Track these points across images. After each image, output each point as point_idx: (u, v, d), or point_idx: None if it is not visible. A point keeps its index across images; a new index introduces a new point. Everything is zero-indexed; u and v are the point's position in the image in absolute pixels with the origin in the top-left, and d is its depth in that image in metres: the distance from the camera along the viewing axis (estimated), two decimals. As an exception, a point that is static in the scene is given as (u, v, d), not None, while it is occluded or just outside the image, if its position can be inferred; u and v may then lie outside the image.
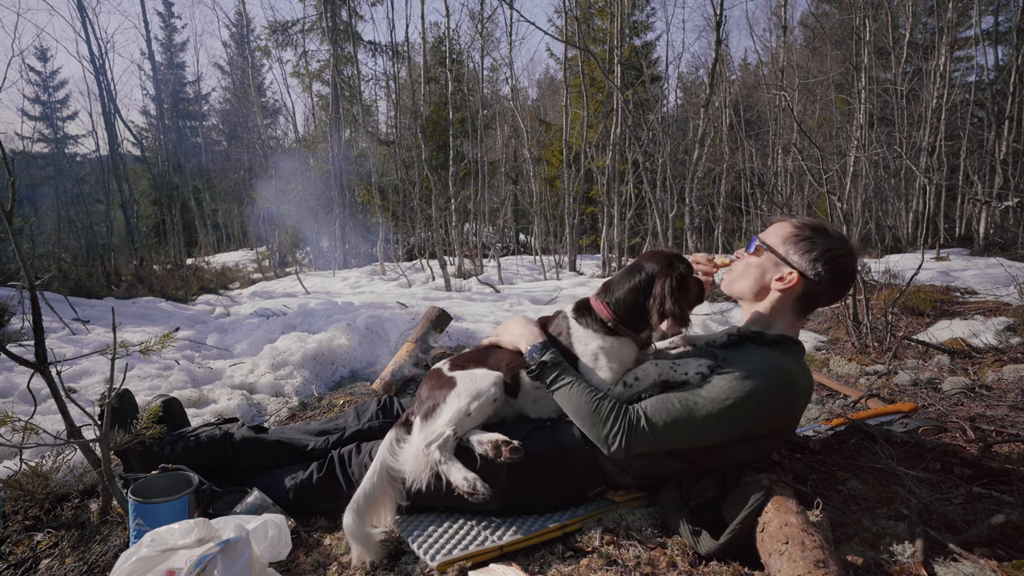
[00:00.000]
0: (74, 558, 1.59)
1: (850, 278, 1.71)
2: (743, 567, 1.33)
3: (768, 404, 1.51)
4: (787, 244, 1.69)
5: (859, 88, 13.21)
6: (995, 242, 12.30)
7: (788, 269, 1.67)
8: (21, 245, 1.72)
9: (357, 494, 1.54)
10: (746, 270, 1.76)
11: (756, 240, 1.75)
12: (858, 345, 3.62)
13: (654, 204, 9.85)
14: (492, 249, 18.10)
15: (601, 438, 1.50)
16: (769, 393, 1.50)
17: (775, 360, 1.56)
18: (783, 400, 1.55)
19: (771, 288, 1.70)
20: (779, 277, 1.69)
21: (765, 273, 1.71)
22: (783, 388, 1.53)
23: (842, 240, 1.69)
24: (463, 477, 1.49)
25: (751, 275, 1.74)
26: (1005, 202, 8.43)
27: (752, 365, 1.52)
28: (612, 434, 1.48)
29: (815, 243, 1.65)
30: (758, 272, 1.72)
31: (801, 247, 1.67)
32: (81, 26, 10.47)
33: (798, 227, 1.70)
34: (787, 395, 1.55)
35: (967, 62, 18.03)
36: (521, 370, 1.70)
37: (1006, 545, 1.39)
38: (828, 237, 1.67)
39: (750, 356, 1.58)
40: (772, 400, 1.52)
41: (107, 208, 14.59)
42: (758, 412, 1.50)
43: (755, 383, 1.48)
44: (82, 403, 2.39)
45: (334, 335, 4.21)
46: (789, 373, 1.55)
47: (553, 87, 28.74)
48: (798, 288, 1.67)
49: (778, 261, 1.69)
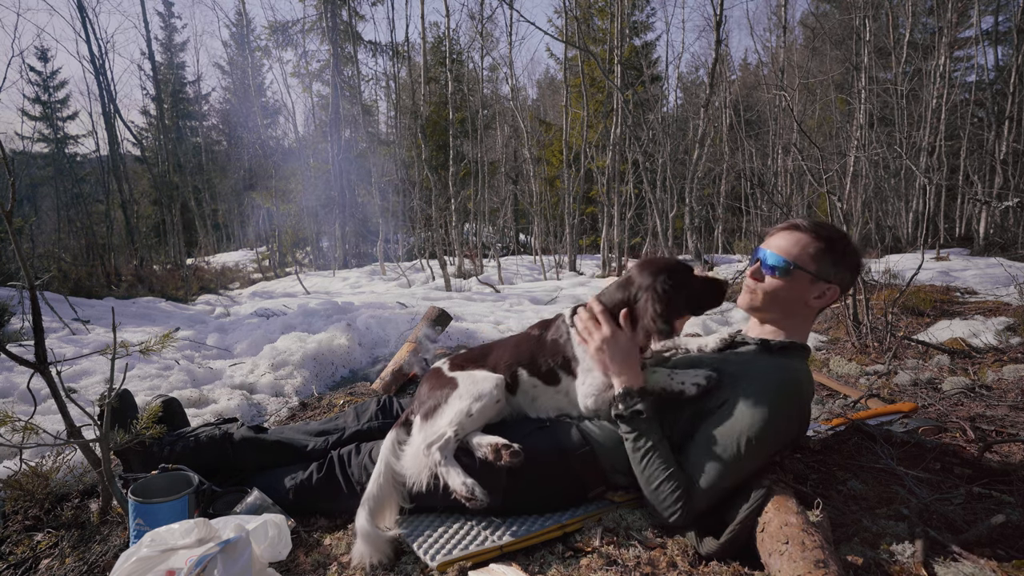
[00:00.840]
0: (74, 558, 1.59)
1: (861, 267, 1.72)
2: (743, 567, 1.33)
3: (788, 415, 1.52)
4: (819, 261, 1.61)
5: (859, 88, 13.22)
6: (995, 242, 12.30)
7: (827, 285, 1.62)
8: (21, 245, 1.72)
9: (367, 494, 1.54)
10: (777, 295, 1.65)
11: (785, 261, 1.62)
12: (858, 345, 3.62)
13: (654, 204, 9.85)
14: (492, 249, 18.10)
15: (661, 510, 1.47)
16: (786, 406, 1.51)
17: (785, 371, 1.56)
18: (797, 408, 1.57)
19: (807, 306, 1.66)
20: (818, 295, 1.63)
21: (803, 295, 1.63)
22: (796, 397, 1.55)
23: (844, 234, 1.68)
24: (462, 482, 1.49)
25: (788, 300, 1.65)
26: (1005, 202, 8.43)
27: (768, 381, 1.51)
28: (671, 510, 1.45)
29: (839, 250, 1.63)
30: (796, 295, 1.64)
31: (832, 259, 1.61)
32: (81, 26, 10.48)
33: (820, 238, 1.62)
34: (800, 402, 1.58)
35: (967, 62, 18.06)
36: (520, 368, 1.70)
37: (1006, 545, 1.39)
38: (840, 237, 1.65)
39: (762, 369, 1.56)
40: (788, 411, 1.52)
41: (107, 208, 14.59)
42: (782, 425, 1.50)
43: (774, 401, 1.47)
44: (82, 403, 2.39)
45: (334, 335, 4.21)
46: (798, 381, 1.56)
47: (553, 87, 28.74)
48: (835, 298, 1.65)
49: (814, 279, 1.62)
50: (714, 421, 1.50)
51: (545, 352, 1.70)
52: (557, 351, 1.68)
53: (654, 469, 1.47)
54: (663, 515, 1.47)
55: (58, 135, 20.66)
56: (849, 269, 1.65)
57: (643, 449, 1.49)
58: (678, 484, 1.44)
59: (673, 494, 1.44)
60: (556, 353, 1.68)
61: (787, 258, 1.62)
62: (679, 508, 1.43)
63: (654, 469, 1.47)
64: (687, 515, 1.43)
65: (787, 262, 1.62)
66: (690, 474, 1.46)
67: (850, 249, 1.65)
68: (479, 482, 1.55)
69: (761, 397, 1.47)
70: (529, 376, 1.70)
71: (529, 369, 1.70)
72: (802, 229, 1.65)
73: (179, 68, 29.11)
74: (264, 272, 16.97)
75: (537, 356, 1.70)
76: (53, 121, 21.38)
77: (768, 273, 1.66)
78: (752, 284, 1.71)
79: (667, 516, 1.45)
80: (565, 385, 1.67)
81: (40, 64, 21.38)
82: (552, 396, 1.70)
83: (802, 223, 1.67)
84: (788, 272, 1.62)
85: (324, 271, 15.99)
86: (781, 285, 1.64)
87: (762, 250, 1.69)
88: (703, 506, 1.45)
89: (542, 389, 1.69)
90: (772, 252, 1.65)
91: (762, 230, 1.85)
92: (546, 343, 1.71)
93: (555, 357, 1.68)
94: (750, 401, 1.47)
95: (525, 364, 1.70)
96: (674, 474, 1.45)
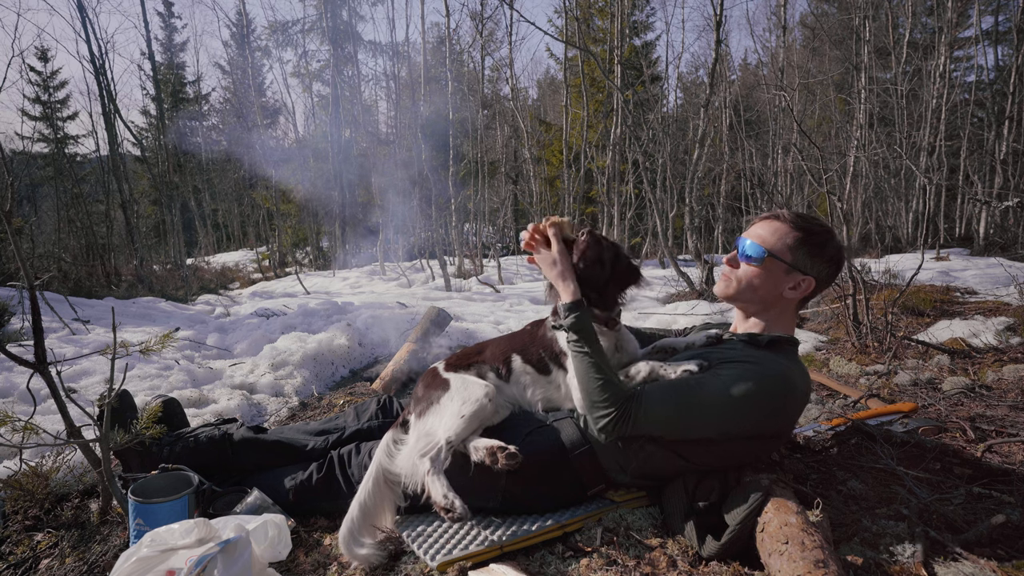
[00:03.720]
0: (74, 558, 1.59)
1: (843, 262, 1.70)
2: (743, 567, 1.33)
3: (767, 406, 1.50)
4: (795, 251, 1.60)
5: (859, 88, 13.22)
6: (995, 242, 12.31)
7: (802, 276, 1.62)
8: (21, 245, 1.72)
9: (352, 509, 1.53)
10: (752, 283, 1.65)
11: (760, 249, 1.62)
12: (858, 345, 3.62)
13: (654, 204, 9.84)
14: (492, 249, 18.10)
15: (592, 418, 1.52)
16: (768, 396, 1.49)
17: (774, 363, 1.55)
18: (782, 401, 1.54)
19: (784, 297, 1.65)
20: (793, 286, 1.63)
21: (778, 284, 1.63)
22: (783, 390, 1.52)
23: (827, 227, 1.66)
24: (443, 495, 1.48)
25: (763, 289, 1.64)
26: (1005, 202, 8.43)
27: (752, 366, 1.51)
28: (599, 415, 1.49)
29: (817, 243, 1.62)
30: (770, 285, 1.64)
31: (808, 251, 1.61)
32: (81, 26, 10.44)
33: (798, 228, 1.62)
34: (787, 397, 1.54)
35: (967, 62, 18.06)
36: (514, 354, 1.76)
37: (1006, 545, 1.39)
38: (821, 230, 1.64)
39: (747, 356, 1.56)
40: (771, 402, 1.51)
41: (107, 208, 14.59)
42: (754, 411, 1.49)
43: (753, 384, 1.47)
44: (82, 403, 2.39)
45: (334, 335, 4.21)
46: (787, 376, 1.54)
47: (553, 87, 28.72)
48: (810, 291, 1.65)
49: (789, 269, 1.62)
50: (686, 378, 1.52)
51: (537, 344, 1.75)
52: (548, 344, 1.72)
53: (591, 377, 1.52)
54: (592, 423, 1.52)
55: (58, 135, 20.62)
56: (827, 262, 1.63)
57: (581, 354, 1.54)
58: (612, 395, 1.49)
59: (604, 401, 1.49)
60: (548, 347, 1.72)
61: (763, 246, 1.63)
62: (608, 416, 1.48)
63: (591, 377, 1.52)
64: (613, 426, 1.48)
65: (762, 250, 1.62)
66: (639, 395, 1.49)
67: (830, 242, 1.63)
68: (478, 483, 1.55)
69: (743, 376, 1.48)
70: (522, 363, 1.75)
71: (522, 357, 1.75)
72: (782, 219, 1.65)
73: (179, 68, 29.10)
74: (264, 272, 16.98)
75: (530, 347, 1.76)
76: (53, 121, 21.36)
77: (744, 261, 1.67)
78: (727, 271, 1.72)
79: (595, 422, 1.51)
80: (556, 377, 1.71)
81: (40, 64, 21.35)
82: (544, 385, 1.73)
83: (783, 213, 1.66)
84: (762, 260, 1.63)
85: (324, 271, 16.00)
86: (755, 273, 1.65)
87: (741, 239, 1.70)
88: (629, 429, 1.48)
89: (534, 377, 1.73)
90: (750, 241, 1.66)
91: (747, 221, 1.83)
92: (539, 336, 1.77)
93: (547, 350, 1.72)
94: (730, 375, 1.49)
95: (519, 352, 1.76)
96: (609, 384, 1.50)
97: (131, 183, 14.64)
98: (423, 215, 15.70)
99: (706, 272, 7.24)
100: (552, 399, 1.74)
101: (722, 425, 1.49)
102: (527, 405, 1.76)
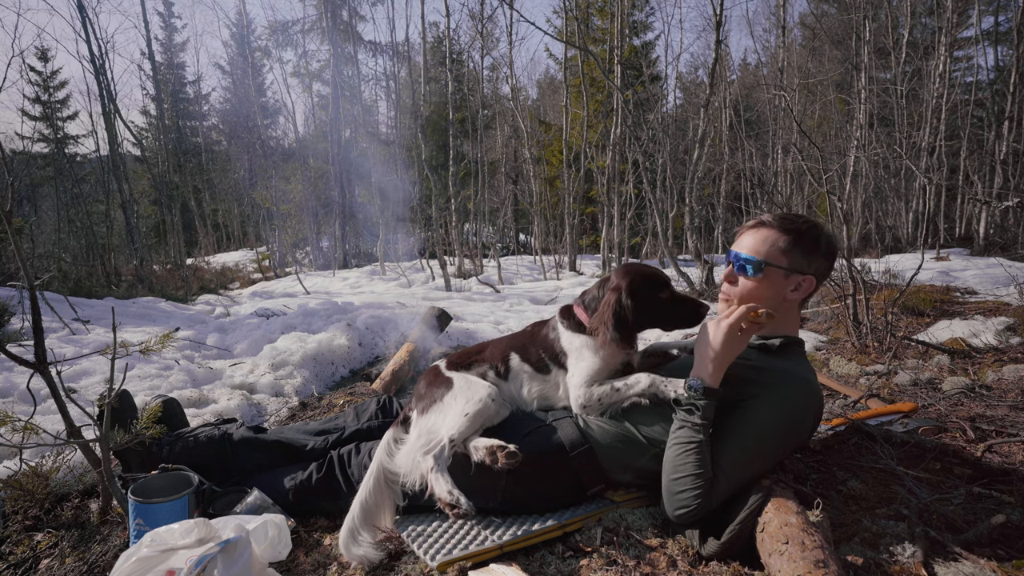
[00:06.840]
0: (74, 558, 1.59)
1: (836, 252, 1.70)
2: (743, 567, 1.33)
3: (806, 426, 1.57)
4: (789, 254, 1.60)
5: (859, 88, 13.23)
6: (995, 242, 12.31)
7: (801, 277, 1.62)
8: (21, 245, 1.72)
9: (353, 507, 1.54)
10: (754, 295, 1.63)
11: (756, 260, 1.61)
12: (858, 345, 3.62)
13: (654, 204, 9.85)
14: (492, 249, 18.10)
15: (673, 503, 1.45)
16: (806, 410, 1.56)
17: (796, 377, 1.57)
18: (815, 411, 1.60)
19: (787, 299, 1.64)
20: (794, 288, 1.62)
21: (780, 290, 1.62)
22: (816, 402, 1.59)
23: (813, 222, 1.66)
24: (448, 491, 1.49)
25: (767, 298, 1.62)
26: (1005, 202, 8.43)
27: (785, 391, 1.53)
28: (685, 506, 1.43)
29: (809, 240, 1.62)
30: (772, 292, 1.62)
31: (802, 250, 1.61)
32: (81, 26, 10.43)
33: (786, 230, 1.61)
34: (817, 407, 1.61)
35: (967, 62, 18.06)
36: (513, 353, 1.78)
37: (1006, 545, 1.39)
38: (809, 227, 1.63)
39: (771, 379, 1.56)
40: (807, 421, 1.57)
41: (107, 208, 14.58)
42: (794, 436, 1.56)
43: (792, 409, 1.52)
44: (82, 403, 2.39)
45: (334, 335, 4.21)
46: (812, 387, 1.58)
47: (553, 87, 28.71)
48: (812, 288, 1.66)
49: (788, 273, 1.61)
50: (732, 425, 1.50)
51: (537, 344, 1.78)
52: (548, 345, 1.75)
53: (689, 463, 1.43)
54: (672, 507, 1.45)
55: (58, 135, 20.61)
56: (822, 256, 1.63)
57: (693, 443, 1.44)
58: (701, 484, 1.42)
59: (693, 491, 1.42)
60: (547, 347, 1.75)
61: (757, 257, 1.61)
62: (695, 506, 1.41)
63: (689, 463, 1.43)
64: (698, 513, 1.42)
65: (758, 261, 1.61)
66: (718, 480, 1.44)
67: (820, 237, 1.63)
68: (478, 483, 1.55)
69: (779, 402, 1.50)
70: (520, 362, 1.77)
71: (521, 355, 1.77)
72: (768, 225, 1.64)
73: (179, 68, 29.11)
74: (264, 272, 16.97)
75: (530, 347, 1.78)
76: (53, 121, 21.34)
77: (741, 274, 1.65)
78: (727, 290, 1.70)
79: (677, 510, 1.43)
80: (555, 377, 1.74)
81: (40, 64, 21.35)
82: (541, 384, 1.75)
83: (767, 219, 1.66)
84: (760, 270, 1.61)
85: (324, 271, 16.00)
86: (755, 286, 1.63)
87: (733, 252, 1.69)
88: (714, 506, 1.44)
89: (532, 376, 1.75)
90: (743, 253, 1.65)
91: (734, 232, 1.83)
92: (539, 337, 1.79)
93: (547, 350, 1.75)
94: (768, 404, 1.50)
95: (518, 351, 1.78)
96: (703, 475, 1.42)
97: (131, 183, 14.63)
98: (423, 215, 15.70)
99: (706, 272, 7.24)
100: (548, 396, 1.76)
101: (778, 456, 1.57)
102: (523, 403, 1.77)
